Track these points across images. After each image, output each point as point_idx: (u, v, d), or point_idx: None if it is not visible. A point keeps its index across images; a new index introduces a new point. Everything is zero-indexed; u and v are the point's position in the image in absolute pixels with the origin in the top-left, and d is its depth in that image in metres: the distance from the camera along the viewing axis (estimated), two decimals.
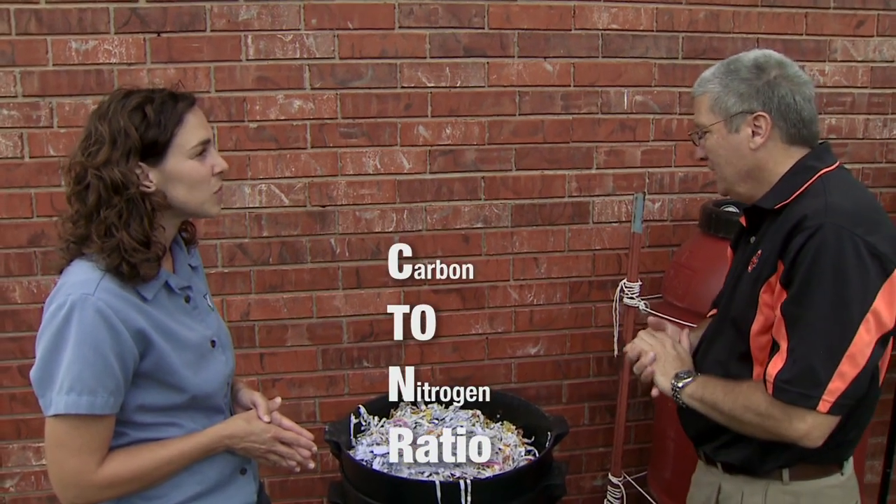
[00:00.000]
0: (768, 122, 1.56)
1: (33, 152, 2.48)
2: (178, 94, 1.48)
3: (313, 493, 2.83)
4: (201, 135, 1.47)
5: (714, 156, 1.63)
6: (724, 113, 1.59)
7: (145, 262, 1.40)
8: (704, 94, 1.63)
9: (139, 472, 1.43)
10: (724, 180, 1.65)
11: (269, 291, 2.67)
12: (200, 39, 2.48)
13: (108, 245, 1.38)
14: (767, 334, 1.52)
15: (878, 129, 2.97)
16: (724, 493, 1.67)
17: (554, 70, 2.70)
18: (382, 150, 2.65)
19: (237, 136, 2.55)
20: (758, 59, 1.60)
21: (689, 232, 2.83)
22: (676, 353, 1.72)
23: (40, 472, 2.66)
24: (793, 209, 1.51)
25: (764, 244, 1.57)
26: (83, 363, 1.34)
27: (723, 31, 2.78)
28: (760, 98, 1.56)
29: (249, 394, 1.68)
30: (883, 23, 2.89)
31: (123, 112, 1.40)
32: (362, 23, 2.56)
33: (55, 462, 1.40)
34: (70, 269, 1.42)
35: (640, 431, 3.02)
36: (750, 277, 1.58)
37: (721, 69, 1.63)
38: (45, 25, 2.41)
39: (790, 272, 1.45)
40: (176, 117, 1.43)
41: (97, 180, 1.38)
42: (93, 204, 1.39)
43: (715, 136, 1.61)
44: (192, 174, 1.46)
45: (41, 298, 2.52)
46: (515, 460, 2.18)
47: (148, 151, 1.42)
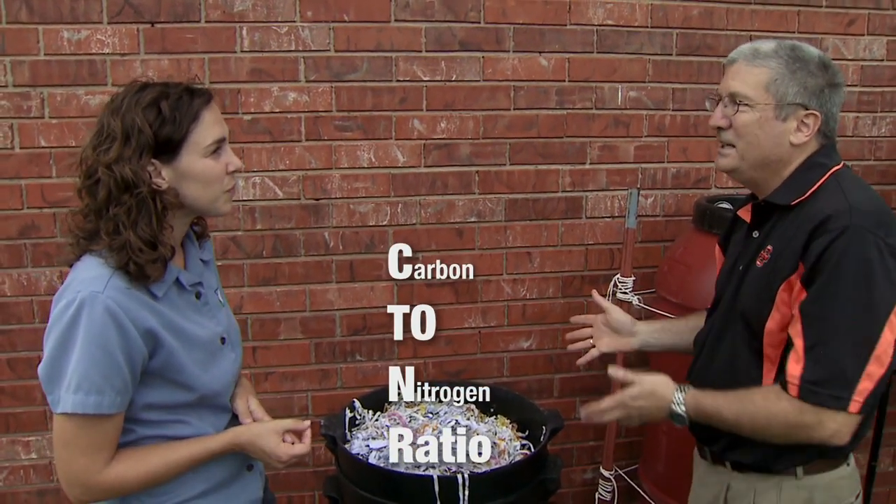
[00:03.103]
0: (818, 123, 1.54)
1: (24, 143, 2.45)
2: (195, 89, 1.45)
3: (305, 487, 2.83)
4: (217, 133, 1.45)
5: (745, 132, 1.55)
6: (780, 97, 1.52)
7: (151, 263, 1.38)
8: (761, 68, 1.54)
9: (146, 475, 1.42)
10: (742, 159, 1.58)
11: (263, 284, 2.66)
12: (195, 30, 2.46)
13: (116, 243, 1.36)
14: (783, 332, 1.52)
15: (868, 126, 3.00)
16: (733, 490, 1.66)
17: (549, 65, 2.71)
18: (377, 144, 2.64)
19: (231, 129, 2.44)
20: (822, 57, 1.55)
21: (682, 227, 2.84)
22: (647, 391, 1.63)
23: (29, 467, 2.64)
24: (809, 207, 1.52)
25: (774, 240, 1.56)
26: (91, 362, 1.32)
27: (717, 27, 2.79)
28: (821, 98, 1.53)
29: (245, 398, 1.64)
30: (873, 22, 2.91)
31: (138, 107, 1.37)
32: (358, 15, 2.55)
33: (62, 460, 1.39)
34: (80, 265, 1.40)
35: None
36: (762, 273, 1.57)
37: (785, 51, 1.54)
38: (37, 14, 2.38)
39: (812, 272, 1.45)
40: (192, 114, 1.40)
41: (108, 177, 1.36)
42: (102, 200, 1.37)
43: (757, 115, 1.54)
44: (206, 173, 1.43)
45: (31, 291, 2.51)
46: (511, 454, 2.18)
47: (162, 148, 1.39)
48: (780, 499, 1.60)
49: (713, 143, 2.85)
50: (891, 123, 3.03)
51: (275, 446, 1.52)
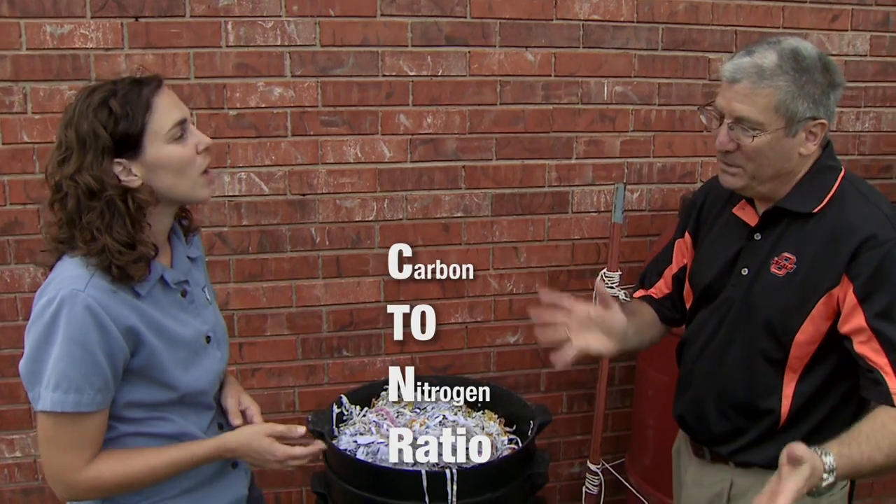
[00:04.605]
0: (825, 129, 1.51)
1: (6, 138, 2.42)
2: (142, 78, 1.41)
3: (292, 483, 2.82)
4: (175, 115, 1.41)
5: (758, 155, 1.49)
6: (790, 117, 1.46)
7: (133, 263, 1.36)
8: (768, 89, 1.46)
9: (126, 478, 1.41)
10: (754, 178, 1.53)
11: (249, 280, 2.64)
12: (179, 25, 2.44)
13: (94, 248, 1.35)
14: (813, 344, 1.51)
15: (851, 121, 3.02)
16: (737, 487, 1.66)
17: (535, 60, 2.71)
18: (363, 139, 2.63)
19: (216, 124, 2.52)
20: (822, 57, 1.49)
21: (668, 222, 2.86)
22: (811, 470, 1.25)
23: (14, 465, 2.62)
24: (835, 216, 1.50)
25: (791, 248, 1.54)
26: (70, 361, 1.32)
27: (702, 22, 2.80)
28: (826, 104, 1.49)
29: (236, 398, 1.63)
30: (857, 17, 2.93)
31: (88, 112, 1.36)
32: (344, 10, 2.53)
33: (45, 456, 1.39)
34: (61, 264, 1.39)
35: (617, 419, 3.06)
36: (786, 283, 1.53)
37: (789, 63, 1.46)
38: (18, 8, 2.35)
39: (869, 286, 1.44)
40: (143, 104, 1.38)
41: (73, 188, 1.35)
42: (72, 210, 1.36)
43: (769, 138, 1.47)
44: (174, 158, 1.41)
45: (14, 288, 2.49)
46: (499, 449, 2.19)
47: (123, 146, 1.37)
48: None
49: (699, 137, 2.88)
50: (874, 118, 3.05)
51: (268, 445, 1.50)
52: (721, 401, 1.65)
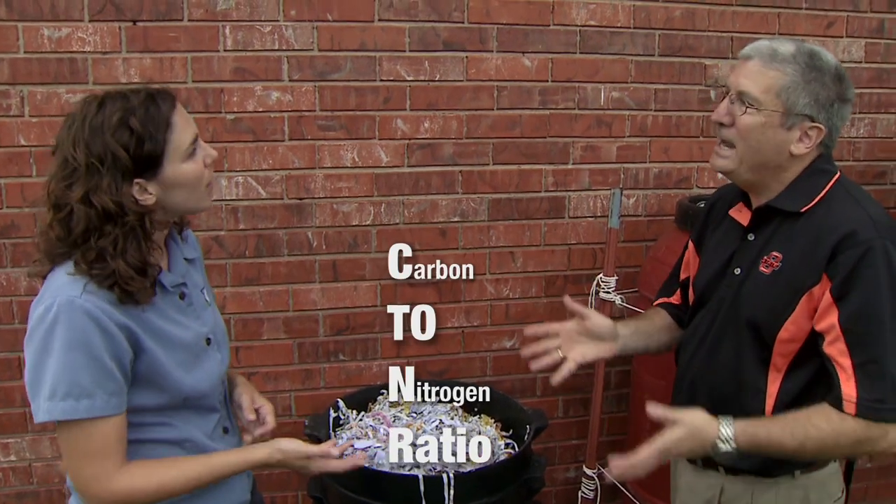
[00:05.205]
0: (821, 136, 1.51)
1: (3, 142, 2.42)
2: (157, 93, 1.37)
3: (289, 487, 2.82)
4: (191, 133, 1.40)
5: (746, 135, 1.52)
6: (790, 106, 1.48)
7: (142, 290, 1.34)
8: (776, 72, 1.49)
9: (163, 486, 1.39)
10: (741, 162, 1.55)
11: (246, 284, 2.64)
12: (177, 29, 2.44)
13: (101, 272, 1.31)
14: (796, 342, 1.52)
15: (846, 127, 2.99)
16: (728, 493, 1.66)
17: (532, 65, 2.71)
18: (360, 144, 2.63)
19: (214, 128, 2.52)
20: (839, 68, 1.51)
21: (664, 227, 2.86)
22: (691, 432, 1.49)
23: (8, 469, 2.61)
24: (822, 216, 1.51)
25: (780, 246, 1.54)
26: (76, 367, 1.29)
27: (698, 28, 2.81)
28: (829, 112, 1.50)
29: (250, 395, 1.65)
30: (852, 24, 2.95)
31: (106, 131, 1.30)
32: (341, 15, 2.54)
33: (71, 471, 1.36)
34: (54, 274, 1.36)
35: (612, 424, 3.06)
36: (771, 281, 1.54)
37: (804, 57, 1.49)
38: (16, 11, 2.35)
39: (844, 286, 1.44)
40: (165, 123, 1.35)
41: (85, 210, 1.30)
42: (80, 233, 1.31)
43: (760, 119, 1.50)
44: (189, 175, 1.40)
45: (10, 291, 2.48)
46: (496, 454, 2.19)
47: (143, 167, 1.34)
48: (777, 498, 1.61)
49: (695, 143, 2.89)
50: (869, 124, 3.07)
51: (304, 463, 1.54)
52: (711, 401, 1.65)
